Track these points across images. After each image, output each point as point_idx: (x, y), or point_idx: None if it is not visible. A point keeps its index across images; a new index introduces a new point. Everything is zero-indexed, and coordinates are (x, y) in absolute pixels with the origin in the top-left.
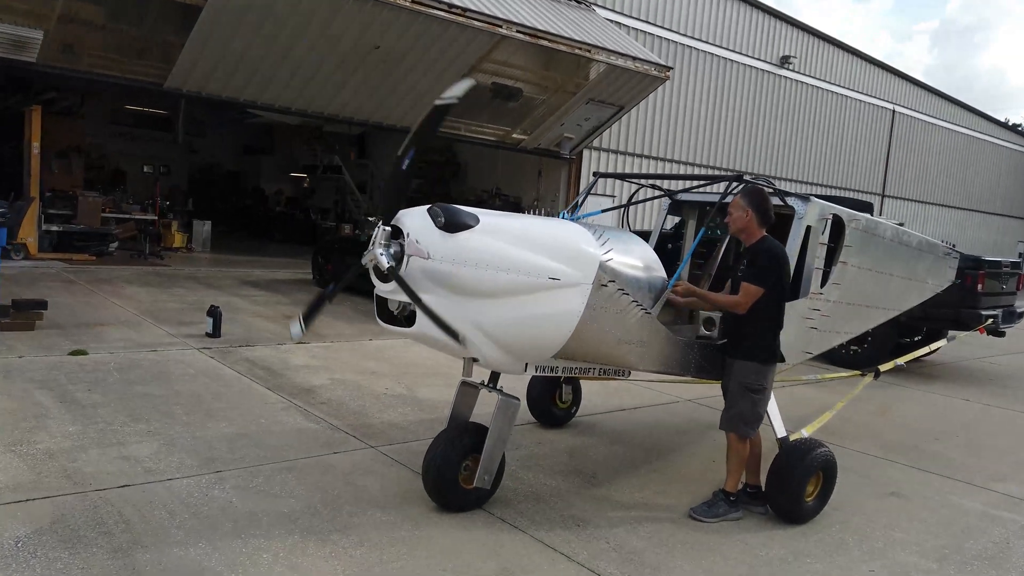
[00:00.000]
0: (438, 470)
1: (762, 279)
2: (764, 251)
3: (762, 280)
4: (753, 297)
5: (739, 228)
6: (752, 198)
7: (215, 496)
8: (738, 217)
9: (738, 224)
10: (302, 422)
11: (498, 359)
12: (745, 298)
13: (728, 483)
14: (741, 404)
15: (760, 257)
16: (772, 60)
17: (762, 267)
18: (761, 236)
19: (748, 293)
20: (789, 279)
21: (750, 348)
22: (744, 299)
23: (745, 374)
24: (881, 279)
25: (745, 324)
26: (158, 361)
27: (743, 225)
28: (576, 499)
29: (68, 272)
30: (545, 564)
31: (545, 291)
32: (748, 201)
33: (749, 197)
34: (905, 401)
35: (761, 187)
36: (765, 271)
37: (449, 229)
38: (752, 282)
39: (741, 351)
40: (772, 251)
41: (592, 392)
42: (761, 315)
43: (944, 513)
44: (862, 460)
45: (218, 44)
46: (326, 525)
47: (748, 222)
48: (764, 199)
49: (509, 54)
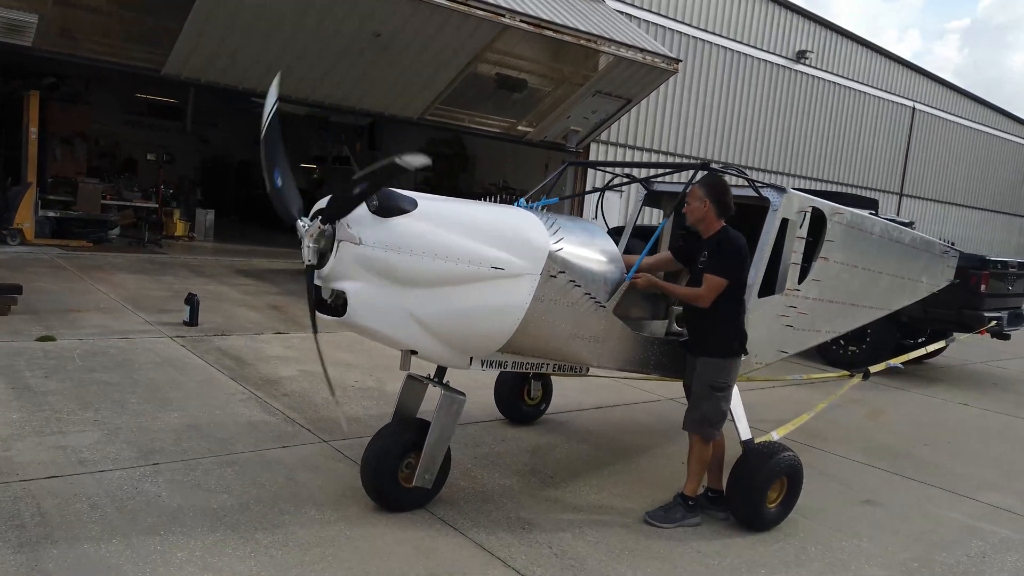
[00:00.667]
0: (375, 467)
1: (725, 270)
2: (725, 242)
3: (725, 271)
4: (717, 289)
5: (697, 219)
6: (710, 188)
7: (145, 490)
8: (695, 207)
9: (696, 215)
10: (258, 414)
11: (438, 352)
12: (708, 291)
13: (687, 487)
14: (706, 404)
15: (722, 248)
16: (788, 55)
17: (724, 258)
18: (720, 227)
19: (711, 285)
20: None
21: (712, 344)
22: (707, 292)
23: (709, 372)
24: (868, 276)
25: (706, 319)
26: (125, 349)
27: (701, 216)
28: (528, 500)
29: (61, 258)
30: (477, 570)
31: (487, 281)
32: (706, 191)
33: (707, 187)
34: (901, 404)
35: (720, 177)
36: (728, 262)
37: (383, 213)
38: (715, 273)
39: (703, 347)
40: (734, 242)
41: (570, 388)
42: (723, 308)
43: (919, 523)
44: (842, 465)
45: (216, 30)
46: (253, 523)
47: (706, 212)
48: (723, 189)
49: (513, 44)
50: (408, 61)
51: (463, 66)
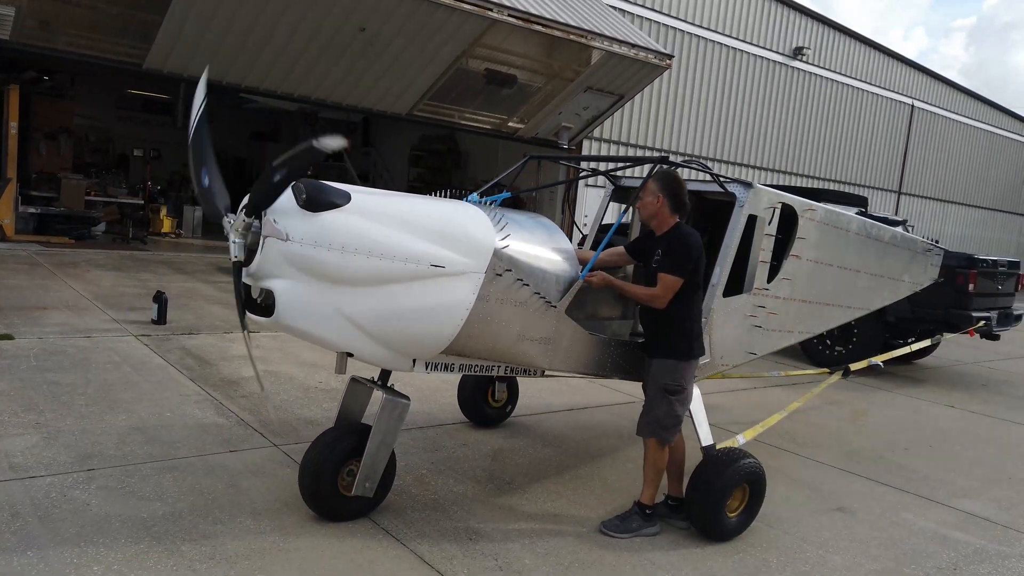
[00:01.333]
0: (313, 475)
1: (680, 268)
2: (678, 239)
3: (680, 270)
4: (672, 289)
5: (650, 214)
6: (664, 182)
7: (74, 497)
8: (648, 203)
9: (649, 210)
10: (211, 416)
11: (375, 354)
12: (664, 290)
13: (644, 494)
14: (659, 407)
15: (673, 246)
16: (784, 51)
17: (678, 255)
18: (674, 223)
19: (666, 285)
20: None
21: (666, 344)
22: (662, 292)
23: (662, 373)
24: (844, 275)
25: (660, 319)
26: (85, 348)
27: (654, 211)
28: (480, 508)
29: (39, 255)
30: None
31: (426, 280)
32: (660, 186)
33: (661, 181)
34: (884, 406)
35: (673, 171)
36: (682, 259)
37: (312, 207)
38: (670, 272)
39: (657, 348)
40: (686, 237)
41: (541, 389)
42: (677, 307)
43: (891, 532)
44: (815, 470)
45: (197, 23)
46: (182, 533)
47: (659, 208)
48: (678, 184)
49: (502, 39)
50: (395, 56)
51: (451, 61)
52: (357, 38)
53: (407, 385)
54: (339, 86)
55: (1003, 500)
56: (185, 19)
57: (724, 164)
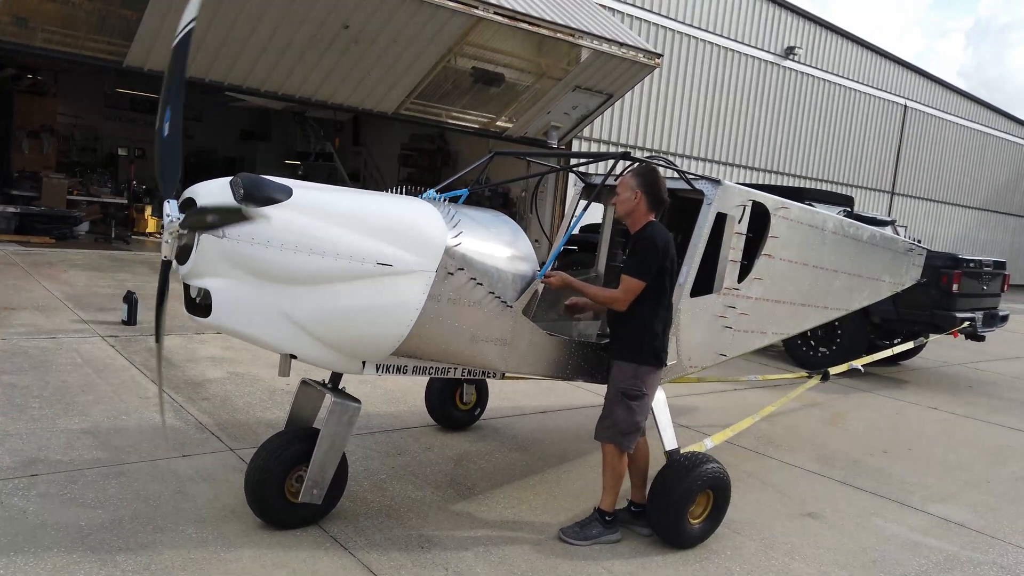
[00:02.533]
0: (259, 481)
1: (643, 271)
2: (643, 239)
3: (643, 272)
4: (634, 292)
5: (625, 212)
6: (644, 178)
7: (11, 504)
8: (625, 199)
9: (625, 207)
10: (168, 420)
11: (320, 356)
12: (624, 293)
13: (604, 501)
14: (616, 412)
15: (641, 245)
16: (776, 51)
17: (642, 257)
18: (646, 222)
19: (628, 288)
20: (675, 269)
21: (628, 347)
22: (623, 295)
23: (622, 377)
24: (820, 275)
25: (624, 321)
26: (48, 349)
27: (630, 208)
28: (437, 515)
29: (16, 255)
30: None
31: (373, 279)
32: (639, 181)
33: (641, 177)
34: (865, 408)
35: (654, 167)
36: (645, 261)
37: (250, 203)
38: (632, 274)
39: (619, 350)
40: (652, 238)
41: (514, 391)
42: (640, 310)
43: (861, 539)
44: (789, 474)
45: (177, 20)
46: (120, 542)
47: (636, 205)
48: (658, 180)
49: (488, 37)
50: (379, 54)
51: (437, 59)
52: (340, 35)
53: (375, 387)
54: (324, 84)
55: (979, 505)
56: (165, 15)
57: (715, 164)
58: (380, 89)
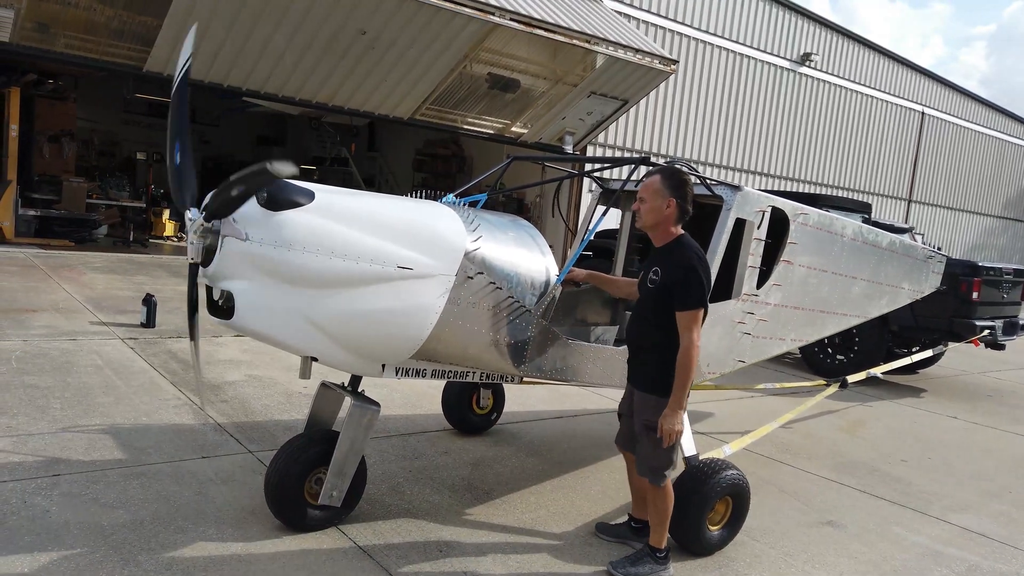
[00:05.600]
0: (277, 483)
1: (697, 299)
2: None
3: (698, 300)
4: (698, 324)
5: (654, 222)
6: (678, 186)
7: (34, 504)
8: (654, 208)
9: (654, 216)
10: (187, 421)
11: (340, 359)
12: (687, 332)
13: (653, 536)
14: (644, 446)
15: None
16: (792, 57)
17: (694, 283)
18: (677, 236)
19: (689, 324)
20: None
21: (648, 379)
22: (694, 333)
23: (644, 409)
24: (838, 281)
25: (644, 342)
26: (69, 351)
27: (659, 219)
28: (454, 519)
29: (37, 257)
30: None
31: (393, 282)
32: (671, 189)
33: (672, 182)
34: (884, 416)
35: (684, 173)
36: (698, 287)
37: (272, 207)
38: (687, 308)
39: (638, 379)
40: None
41: (531, 396)
42: (661, 338)
43: (881, 548)
44: (808, 482)
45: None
46: (141, 542)
47: (667, 216)
48: (689, 189)
49: (504, 43)
50: (396, 60)
51: (453, 65)
52: (357, 42)
53: (393, 391)
54: (340, 90)
55: (1001, 515)
56: (185, 22)
57: (730, 171)
58: (396, 95)
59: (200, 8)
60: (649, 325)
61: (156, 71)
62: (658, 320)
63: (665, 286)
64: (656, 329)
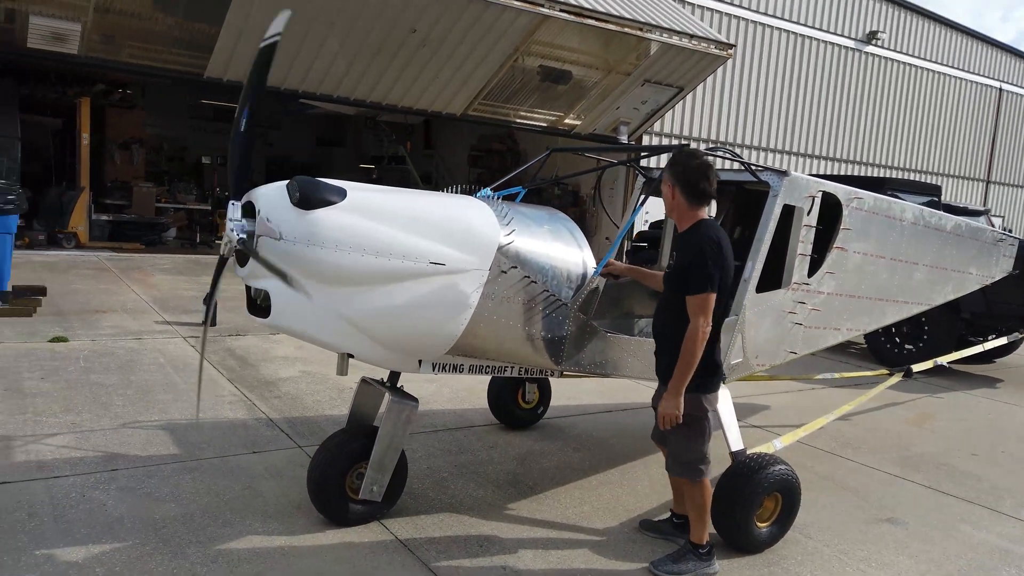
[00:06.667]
0: (319, 478)
1: (704, 282)
2: (693, 246)
3: (704, 284)
4: (709, 308)
5: (669, 209)
6: (676, 168)
7: (92, 498)
8: (664, 194)
9: (667, 204)
10: (242, 417)
11: (376, 355)
12: (696, 317)
13: (693, 532)
14: (673, 442)
15: (692, 254)
16: (857, 36)
17: (699, 266)
18: (696, 220)
19: (698, 308)
20: (729, 276)
21: (670, 372)
22: (702, 318)
23: None
24: (898, 268)
25: (668, 335)
26: (134, 350)
27: (671, 205)
28: (496, 514)
29: (109, 260)
30: None
31: (427, 278)
32: (672, 175)
33: (672, 167)
34: (955, 408)
35: (693, 156)
36: (703, 272)
37: (305, 205)
38: (695, 291)
39: (661, 373)
40: (702, 243)
41: (580, 390)
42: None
43: (945, 546)
44: (868, 477)
45: (253, 32)
46: (190, 535)
47: (677, 202)
48: (694, 170)
49: (555, 34)
50: (447, 56)
51: (504, 59)
52: (408, 40)
53: (442, 386)
54: (393, 88)
55: None
56: (242, 28)
57: (793, 156)
58: (448, 91)
59: (256, 14)
60: (669, 313)
61: (216, 76)
62: (677, 307)
63: (678, 271)
64: (676, 317)
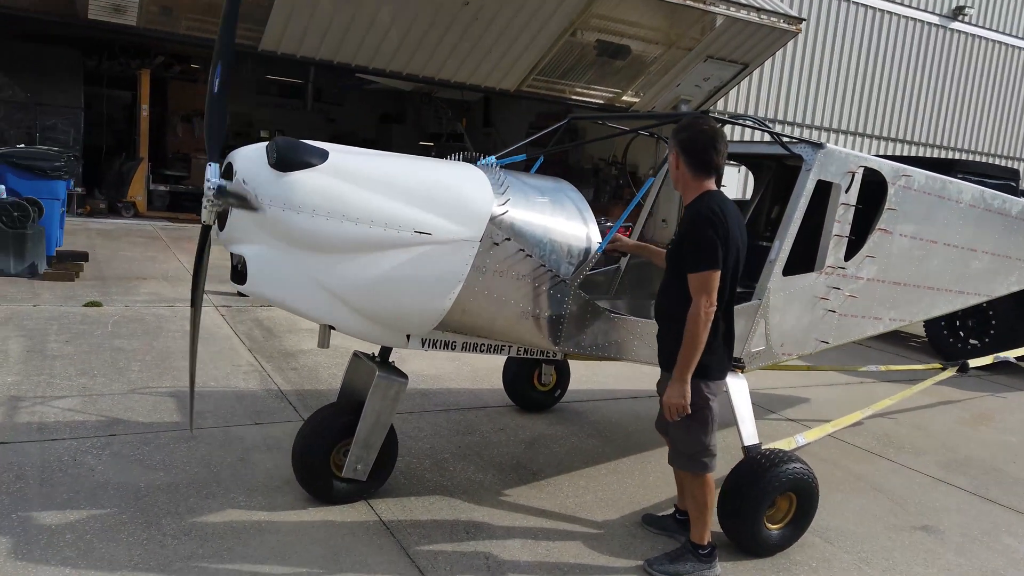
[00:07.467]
0: (302, 453)
1: (706, 259)
2: (690, 220)
3: (706, 261)
4: (712, 287)
5: (674, 181)
6: (681, 135)
7: (83, 462)
8: (670, 163)
9: (672, 175)
10: (253, 387)
11: (358, 327)
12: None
13: (693, 532)
14: (673, 432)
15: (690, 228)
16: (942, 11)
17: (694, 246)
18: (700, 192)
19: (699, 287)
20: (738, 255)
21: (670, 357)
22: (705, 298)
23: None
24: (952, 254)
25: (667, 318)
26: (164, 316)
27: (675, 176)
28: (491, 500)
29: (163, 229)
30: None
31: (411, 248)
32: (676, 139)
33: (677, 134)
34: (1018, 409)
35: (698, 122)
36: (707, 246)
37: (282, 167)
38: (695, 268)
39: (666, 359)
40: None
41: (603, 373)
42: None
43: (982, 558)
44: (907, 479)
45: (305, 5)
46: (169, 506)
47: (681, 172)
48: (700, 138)
49: (613, 7)
50: (500, 30)
51: (560, 33)
52: (461, 13)
53: (462, 364)
54: (446, 63)
55: None
56: (295, 2)
57: (867, 138)
58: (502, 66)
59: None
60: (671, 294)
61: (271, 49)
62: (679, 287)
63: (678, 246)
64: (678, 298)
